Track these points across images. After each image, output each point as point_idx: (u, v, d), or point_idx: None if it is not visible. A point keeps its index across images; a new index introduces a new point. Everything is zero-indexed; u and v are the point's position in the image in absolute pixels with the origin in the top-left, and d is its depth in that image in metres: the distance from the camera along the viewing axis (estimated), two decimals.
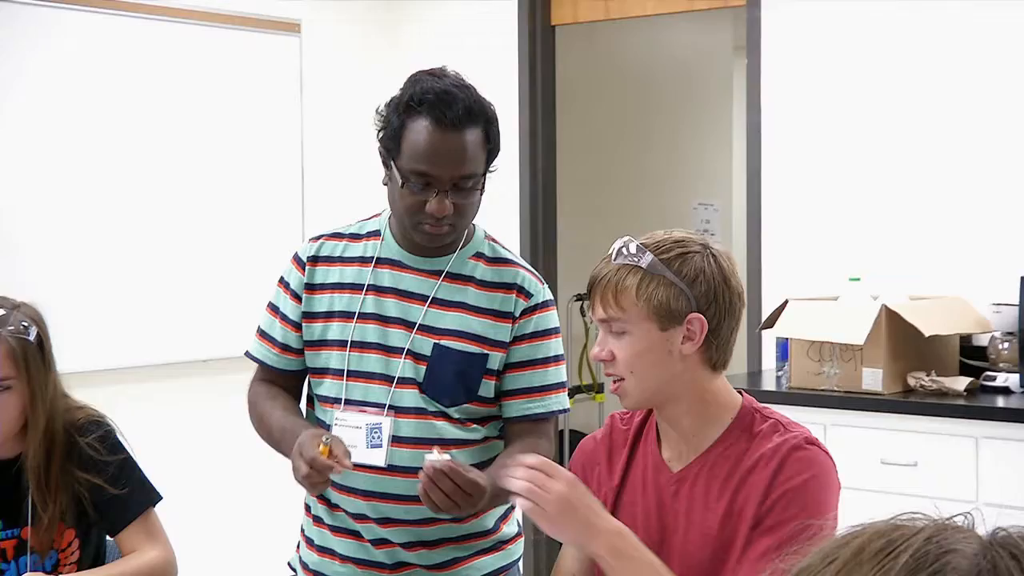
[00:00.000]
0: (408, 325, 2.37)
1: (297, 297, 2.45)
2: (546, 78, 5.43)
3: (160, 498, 2.63)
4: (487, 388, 2.40)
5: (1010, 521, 0.81)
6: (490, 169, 2.35)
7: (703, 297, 1.97)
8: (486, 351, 2.38)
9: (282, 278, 2.49)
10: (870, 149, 4.51)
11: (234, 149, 5.07)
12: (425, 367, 2.36)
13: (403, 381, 2.36)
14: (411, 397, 2.36)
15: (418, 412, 2.36)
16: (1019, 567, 0.73)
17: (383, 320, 2.38)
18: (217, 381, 4.81)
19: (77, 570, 2.52)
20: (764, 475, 1.95)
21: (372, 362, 2.38)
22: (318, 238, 2.50)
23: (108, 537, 2.63)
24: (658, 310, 1.95)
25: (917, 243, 4.42)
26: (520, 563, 2.58)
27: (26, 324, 2.45)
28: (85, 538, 2.55)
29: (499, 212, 5.37)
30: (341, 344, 2.39)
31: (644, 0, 5.23)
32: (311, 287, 2.44)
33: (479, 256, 2.43)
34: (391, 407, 2.36)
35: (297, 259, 2.48)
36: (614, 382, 2.04)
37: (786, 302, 4.18)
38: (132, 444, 2.64)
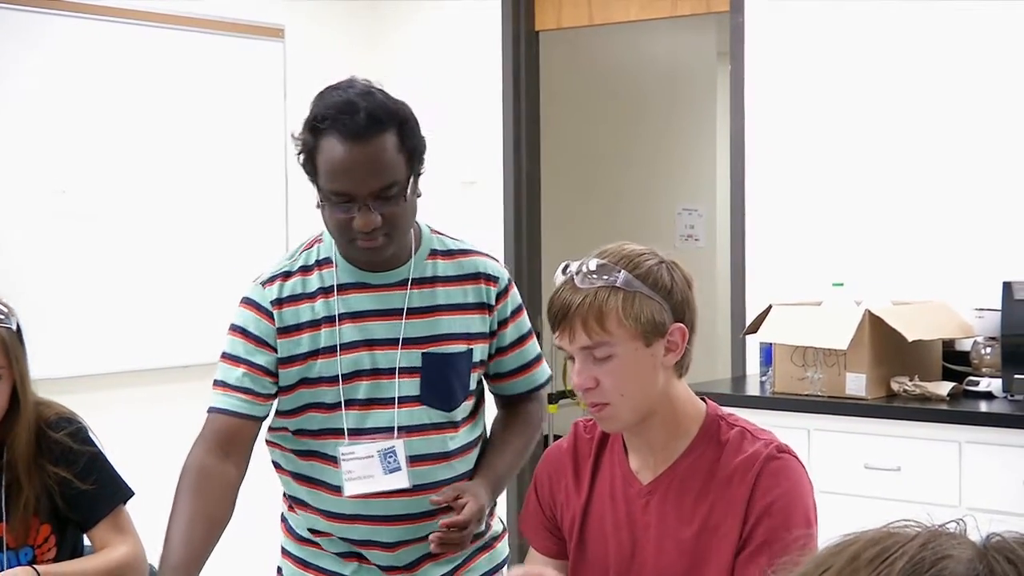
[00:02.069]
0: (392, 343, 2.33)
1: (266, 344, 2.31)
2: (530, 84, 5.43)
3: (132, 494, 2.62)
4: (474, 380, 2.41)
5: (996, 526, 0.82)
6: (418, 171, 2.26)
7: (679, 306, 1.96)
8: (470, 346, 2.37)
9: (237, 327, 2.33)
10: (854, 155, 4.52)
11: (217, 154, 5.06)
12: (420, 379, 2.33)
13: (404, 400, 2.33)
14: (415, 414, 2.34)
15: (422, 429, 2.34)
16: (1016, 572, 0.73)
17: (369, 344, 2.32)
18: (197, 387, 4.80)
19: None
20: (741, 491, 1.95)
21: (367, 389, 2.32)
22: (270, 280, 2.34)
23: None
24: (646, 327, 1.92)
25: (900, 248, 4.43)
26: (506, 567, 2.57)
27: (6, 313, 2.46)
28: (61, 535, 2.55)
29: (483, 219, 5.38)
30: (331, 379, 2.31)
31: (628, 6, 5.24)
32: (285, 331, 2.31)
33: (434, 254, 2.39)
34: (401, 428, 2.32)
35: (256, 306, 2.32)
36: (595, 406, 1.98)
37: (770, 307, 4.18)
38: (114, 449, 2.64)
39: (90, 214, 4.69)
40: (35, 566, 2.42)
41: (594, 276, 1.92)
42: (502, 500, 2.55)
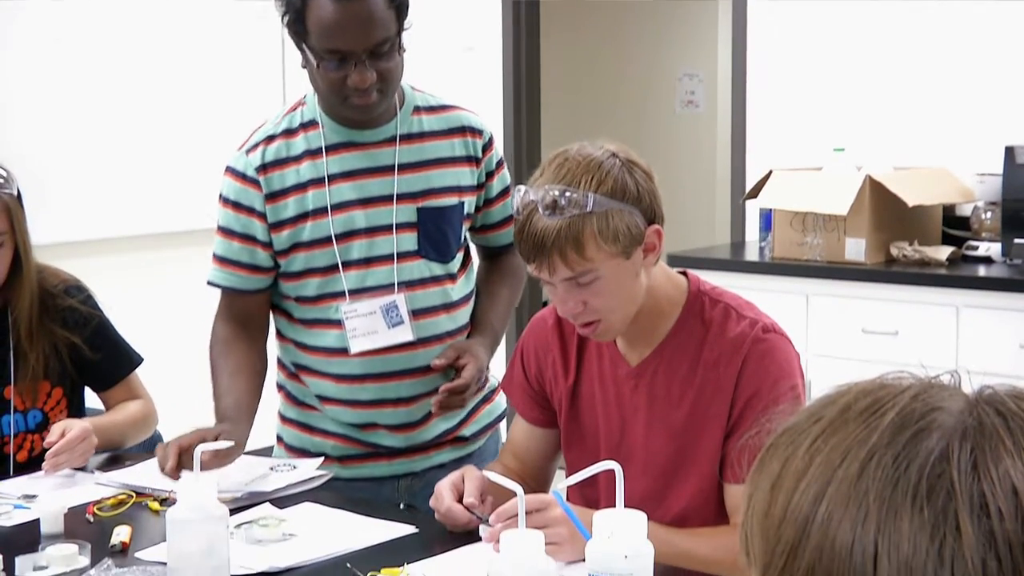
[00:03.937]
0: (387, 199, 2.34)
1: (256, 213, 2.32)
2: None
3: (141, 360, 2.67)
4: (463, 231, 2.45)
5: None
6: (404, 27, 2.24)
7: (648, 209, 1.92)
8: (461, 199, 2.40)
9: (227, 198, 2.35)
10: (856, 20, 4.47)
11: (214, 20, 5.02)
12: (417, 234, 2.35)
13: (403, 255, 2.35)
14: (415, 268, 2.36)
15: (422, 282, 2.37)
16: (1004, 424, 0.74)
17: (364, 203, 2.34)
18: (196, 252, 4.84)
19: None
20: (728, 374, 1.95)
21: (362, 248, 2.34)
22: (253, 147, 2.34)
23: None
24: (624, 242, 1.88)
25: (902, 113, 4.40)
26: (503, 424, 2.61)
27: (5, 178, 2.45)
28: (72, 398, 2.59)
29: (482, 85, 5.33)
30: (324, 241, 2.32)
31: None
32: (273, 196, 2.32)
33: (418, 110, 2.40)
34: (400, 283, 2.35)
35: (240, 175, 2.33)
36: (587, 325, 1.97)
37: (770, 172, 4.17)
38: (115, 315, 2.66)
39: (90, 80, 4.68)
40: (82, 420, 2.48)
41: (561, 204, 1.85)
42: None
